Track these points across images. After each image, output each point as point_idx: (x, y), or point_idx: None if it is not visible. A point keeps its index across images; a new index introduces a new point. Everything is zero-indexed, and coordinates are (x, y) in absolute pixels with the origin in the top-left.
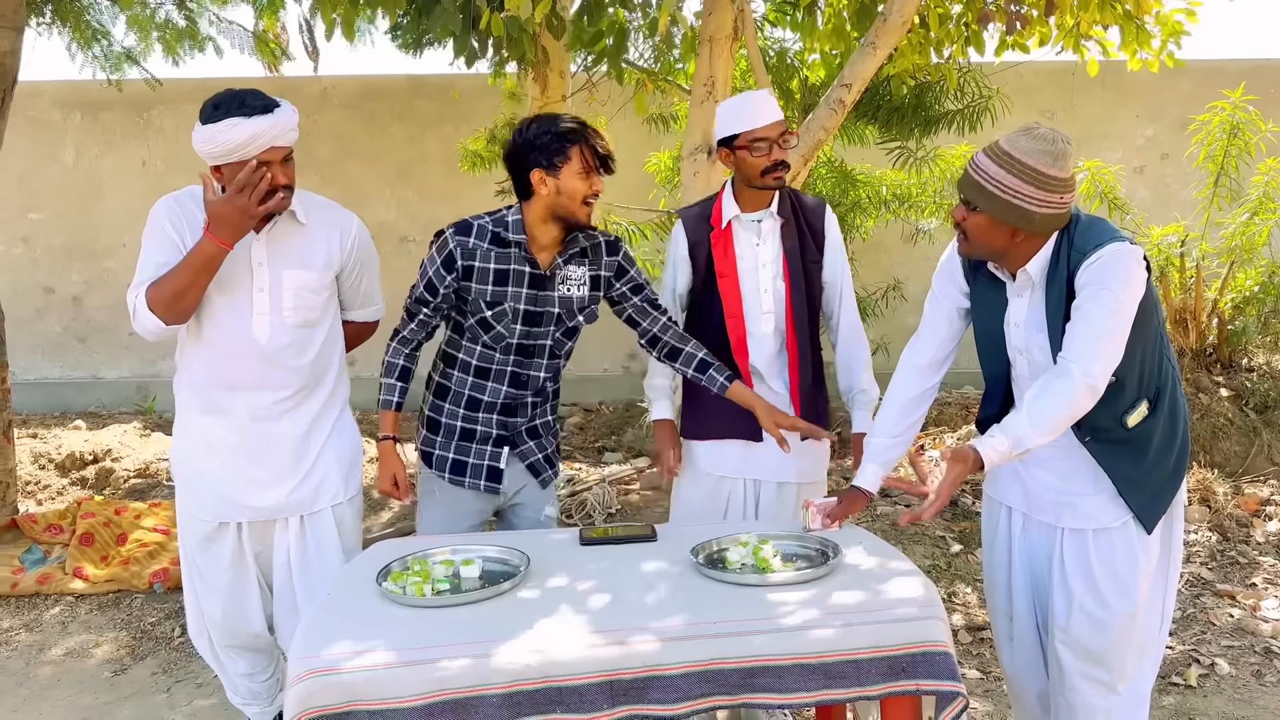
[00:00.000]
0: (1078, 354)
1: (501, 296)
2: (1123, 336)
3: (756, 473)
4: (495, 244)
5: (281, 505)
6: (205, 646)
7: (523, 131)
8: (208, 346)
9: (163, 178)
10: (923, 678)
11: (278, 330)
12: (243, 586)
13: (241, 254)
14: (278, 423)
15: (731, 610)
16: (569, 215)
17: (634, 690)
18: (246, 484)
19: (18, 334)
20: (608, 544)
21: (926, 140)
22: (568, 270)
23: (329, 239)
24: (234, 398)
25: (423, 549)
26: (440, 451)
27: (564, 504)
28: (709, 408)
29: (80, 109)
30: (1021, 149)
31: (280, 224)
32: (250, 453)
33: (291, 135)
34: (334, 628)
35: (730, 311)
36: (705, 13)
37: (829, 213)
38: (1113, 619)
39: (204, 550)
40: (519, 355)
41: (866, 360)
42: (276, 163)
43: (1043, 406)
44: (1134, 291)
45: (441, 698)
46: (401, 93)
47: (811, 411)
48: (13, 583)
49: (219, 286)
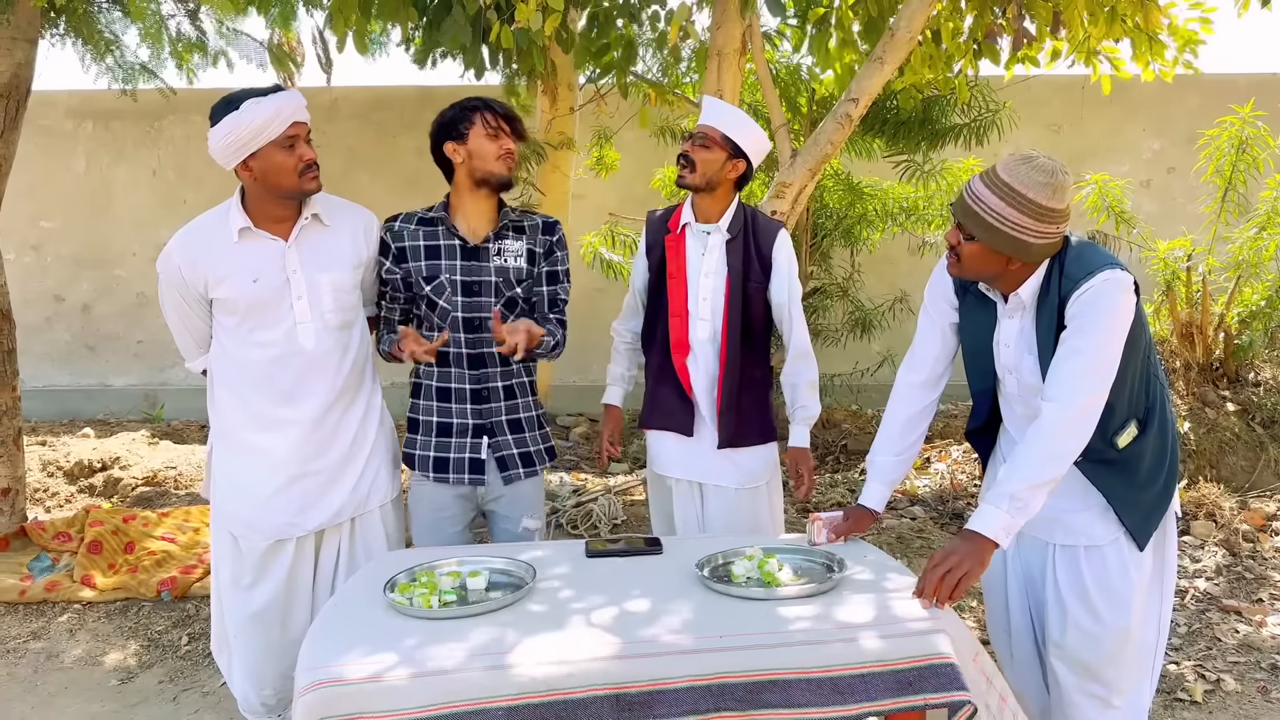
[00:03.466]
0: (1067, 391)
1: (436, 270)
2: (1110, 367)
3: (695, 474)
4: (422, 224)
5: (339, 510)
6: (226, 663)
7: (435, 120)
8: (255, 364)
9: (173, 187)
10: (930, 691)
11: (322, 334)
12: (293, 599)
13: (275, 265)
14: (335, 429)
15: (738, 624)
16: (487, 175)
17: (640, 704)
18: (312, 496)
19: (28, 342)
20: (613, 556)
21: (933, 154)
22: (504, 243)
23: (353, 237)
24: (289, 410)
25: (429, 560)
26: (421, 451)
27: (569, 514)
28: (649, 398)
29: (92, 118)
30: (1022, 180)
31: (305, 228)
32: (312, 464)
33: (306, 114)
34: (341, 638)
35: (674, 311)
36: (714, 27)
37: (781, 238)
38: (1107, 634)
39: (257, 571)
40: (468, 332)
41: (811, 380)
42: (303, 138)
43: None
44: (1123, 319)
45: (447, 710)
46: (411, 104)
47: (734, 425)
48: (21, 590)
49: (260, 305)
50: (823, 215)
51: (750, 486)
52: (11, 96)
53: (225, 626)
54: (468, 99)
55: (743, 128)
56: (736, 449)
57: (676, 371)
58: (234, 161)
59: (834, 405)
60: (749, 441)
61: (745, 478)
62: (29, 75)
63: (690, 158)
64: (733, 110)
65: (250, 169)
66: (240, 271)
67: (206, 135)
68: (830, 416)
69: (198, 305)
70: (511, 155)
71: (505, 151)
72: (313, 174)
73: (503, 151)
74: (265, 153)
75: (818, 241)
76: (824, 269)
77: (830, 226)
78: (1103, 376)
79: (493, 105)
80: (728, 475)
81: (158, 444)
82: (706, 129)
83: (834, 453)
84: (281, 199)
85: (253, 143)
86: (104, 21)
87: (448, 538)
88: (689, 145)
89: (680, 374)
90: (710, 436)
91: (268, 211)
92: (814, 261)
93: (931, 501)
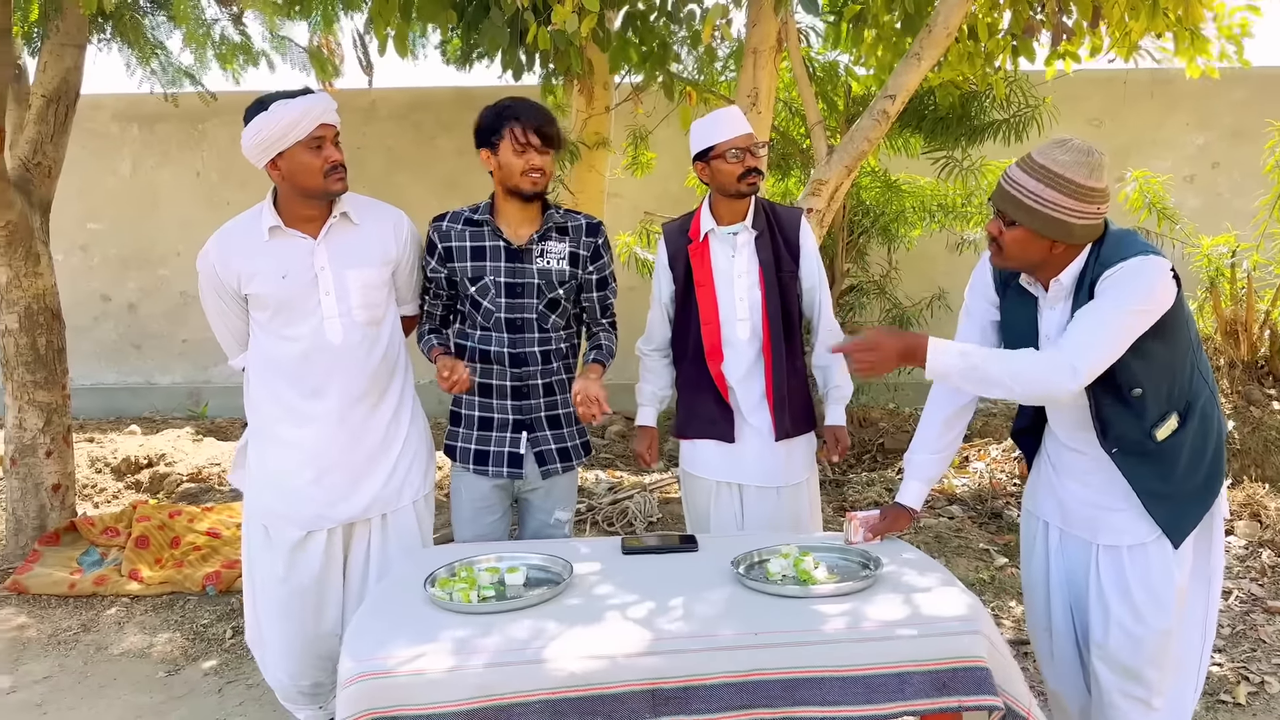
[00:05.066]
0: (1068, 341)
1: (481, 271)
2: (1121, 338)
3: (736, 476)
4: (469, 225)
5: (370, 504)
6: (261, 655)
7: (476, 121)
8: (286, 359)
9: (216, 188)
10: (963, 693)
11: (349, 330)
12: (324, 591)
13: (304, 263)
14: (364, 423)
15: (773, 621)
16: (514, 188)
17: (676, 699)
18: (342, 488)
19: (76, 341)
20: (649, 554)
21: (972, 150)
22: (547, 245)
23: (382, 235)
24: (317, 404)
25: (469, 556)
26: (463, 444)
27: (605, 512)
28: (684, 408)
29: (137, 122)
30: (1058, 162)
31: (335, 226)
32: (340, 457)
33: (335, 116)
34: (384, 632)
35: (706, 319)
36: (750, 25)
37: (804, 223)
38: (1149, 635)
39: (289, 562)
40: (510, 332)
41: (841, 360)
42: (330, 139)
43: (1014, 356)
44: (1148, 301)
45: (486, 703)
46: (449, 105)
47: (788, 416)
48: (71, 583)
49: (289, 301)
50: (859, 212)
51: (792, 484)
52: (60, 101)
53: (259, 618)
54: (504, 105)
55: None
56: (790, 440)
57: (713, 379)
58: (263, 160)
59: (870, 404)
60: (801, 430)
61: (787, 474)
62: (77, 80)
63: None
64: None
65: (279, 168)
66: (270, 268)
67: None
68: (867, 415)
69: (233, 302)
70: (539, 171)
71: (531, 168)
72: (338, 175)
73: (529, 168)
74: (292, 153)
75: (854, 239)
76: (860, 266)
77: (867, 224)
78: (1104, 344)
79: (523, 116)
80: (770, 475)
81: (202, 441)
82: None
83: (871, 451)
84: (309, 198)
85: (280, 142)
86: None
87: (486, 526)
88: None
89: (717, 381)
90: (754, 437)
91: (297, 211)
92: (850, 259)
93: (970, 501)
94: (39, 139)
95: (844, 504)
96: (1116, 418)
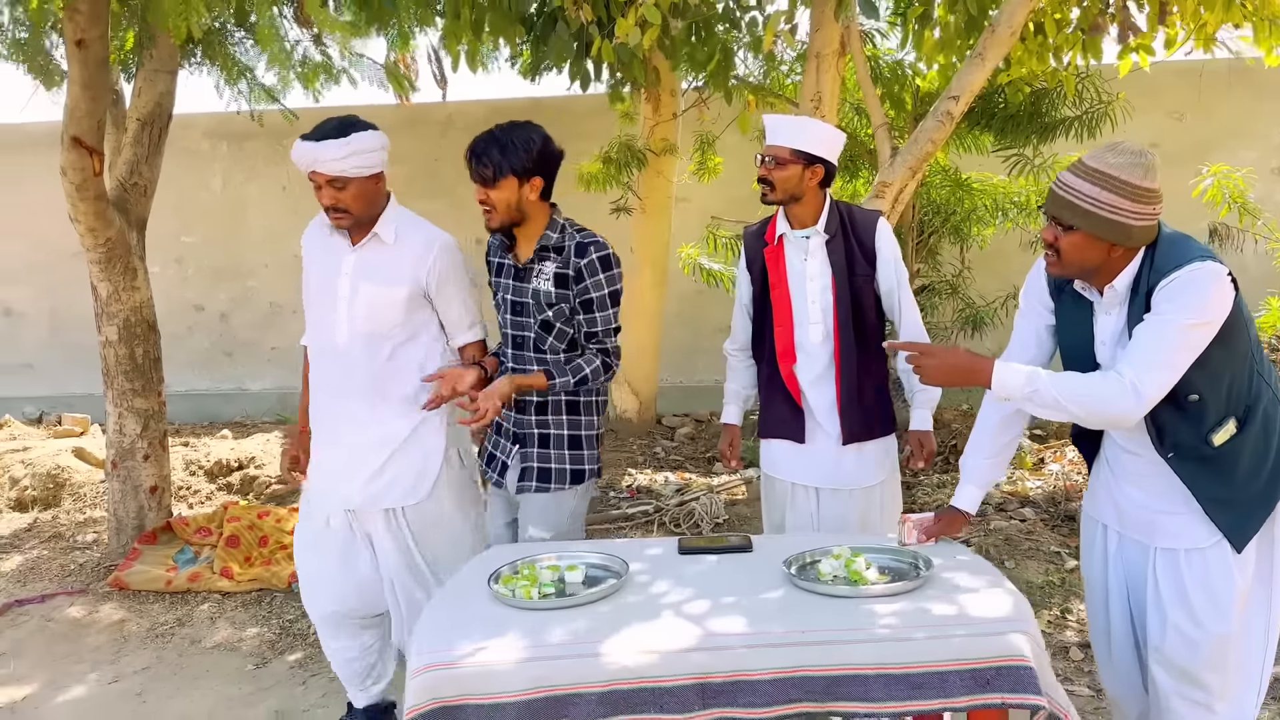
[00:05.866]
0: (1129, 363)
1: (498, 287)
2: (1184, 356)
3: (808, 478)
4: (502, 245)
5: (346, 499)
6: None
7: None
8: (313, 349)
9: (300, 201)
10: (1006, 691)
11: (353, 336)
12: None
13: (335, 267)
14: (355, 422)
15: (820, 619)
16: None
17: (725, 693)
18: (333, 478)
19: (171, 349)
20: (705, 553)
21: (1044, 147)
22: (542, 265)
23: (413, 260)
24: (324, 397)
25: (531, 555)
26: (488, 446)
27: (672, 513)
28: (762, 408)
29: (227, 139)
30: (1112, 165)
31: (370, 242)
32: (337, 449)
33: (332, 165)
34: (451, 626)
35: (779, 321)
36: (813, 29)
37: (880, 226)
38: (1207, 639)
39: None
40: (514, 349)
41: None
42: (323, 184)
43: (1074, 380)
44: (1207, 312)
45: (544, 694)
46: (523, 115)
47: (858, 420)
48: (167, 580)
49: (319, 296)
50: (929, 212)
51: (864, 486)
52: (154, 124)
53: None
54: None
55: (807, 134)
56: (860, 444)
57: (784, 380)
58: None
59: (943, 405)
60: (873, 434)
61: (862, 477)
62: (170, 104)
63: (768, 180)
64: (793, 121)
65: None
66: (317, 261)
67: None
68: (940, 416)
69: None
70: (482, 206)
71: (479, 201)
72: (335, 216)
73: (479, 201)
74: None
75: (924, 239)
76: (931, 266)
77: (938, 223)
78: (1168, 361)
79: (469, 154)
80: (844, 477)
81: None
82: (773, 150)
83: (943, 453)
84: None
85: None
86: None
87: (495, 530)
88: (763, 169)
89: (788, 382)
90: (825, 440)
91: None
92: (921, 259)
93: (1043, 503)
94: (135, 160)
95: (913, 506)
96: (1172, 423)
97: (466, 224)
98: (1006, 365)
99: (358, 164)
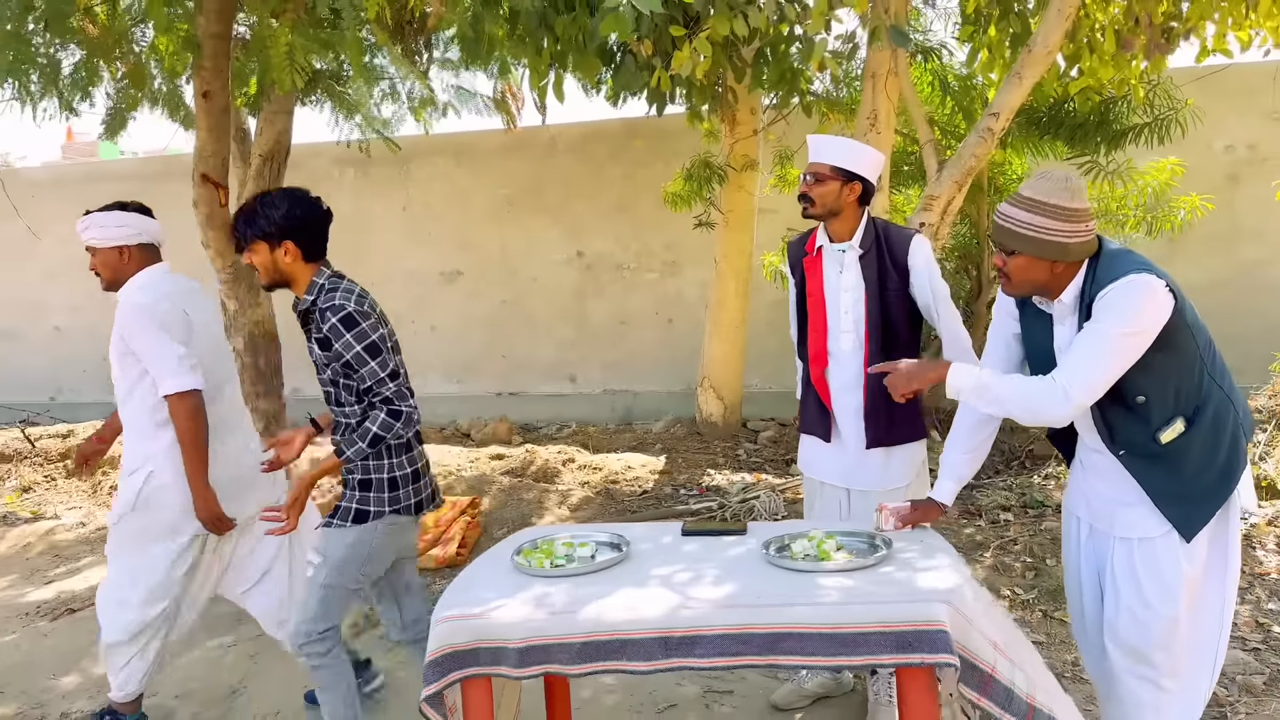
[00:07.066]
0: (1063, 369)
1: None
2: (1115, 362)
3: (835, 478)
4: None
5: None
6: None
7: None
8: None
9: (419, 220)
10: (925, 652)
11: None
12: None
13: None
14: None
15: (773, 588)
16: None
17: (683, 645)
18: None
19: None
20: (704, 535)
21: (1114, 154)
22: (308, 328)
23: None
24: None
25: (551, 534)
26: None
27: (734, 509)
28: (800, 404)
29: (352, 165)
30: (1041, 191)
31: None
32: None
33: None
34: (472, 588)
35: (814, 327)
36: (870, 50)
37: (915, 243)
38: (1156, 620)
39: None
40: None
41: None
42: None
43: (1014, 381)
44: (1140, 321)
45: (538, 642)
46: (618, 135)
47: (883, 426)
48: None
49: None
50: None
51: (890, 489)
52: (274, 159)
53: None
54: None
55: (848, 154)
56: (887, 449)
57: (814, 382)
58: None
59: None
60: (898, 440)
61: (887, 479)
62: (288, 140)
63: (809, 196)
64: (835, 142)
65: None
66: None
67: (445, 176)
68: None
69: None
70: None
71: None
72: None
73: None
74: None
75: None
76: None
77: None
78: (1097, 370)
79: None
80: (870, 479)
81: None
82: (815, 167)
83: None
84: None
85: None
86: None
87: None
88: (804, 185)
89: (818, 384)
90: (851, 442)
91: None
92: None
93: None
94: (259, 191)
95: (970, 508)
96: (1121, 423)
97: (570, 238)
98: (959, 368)
99: (95, 235)
